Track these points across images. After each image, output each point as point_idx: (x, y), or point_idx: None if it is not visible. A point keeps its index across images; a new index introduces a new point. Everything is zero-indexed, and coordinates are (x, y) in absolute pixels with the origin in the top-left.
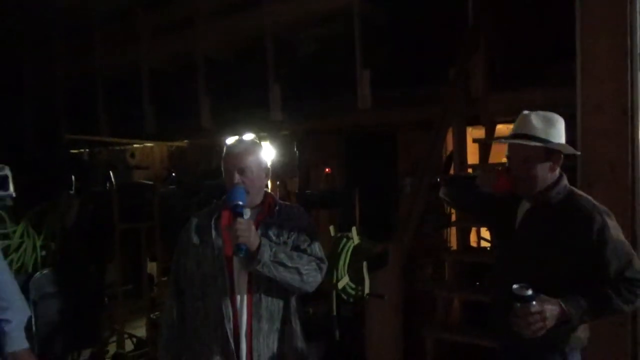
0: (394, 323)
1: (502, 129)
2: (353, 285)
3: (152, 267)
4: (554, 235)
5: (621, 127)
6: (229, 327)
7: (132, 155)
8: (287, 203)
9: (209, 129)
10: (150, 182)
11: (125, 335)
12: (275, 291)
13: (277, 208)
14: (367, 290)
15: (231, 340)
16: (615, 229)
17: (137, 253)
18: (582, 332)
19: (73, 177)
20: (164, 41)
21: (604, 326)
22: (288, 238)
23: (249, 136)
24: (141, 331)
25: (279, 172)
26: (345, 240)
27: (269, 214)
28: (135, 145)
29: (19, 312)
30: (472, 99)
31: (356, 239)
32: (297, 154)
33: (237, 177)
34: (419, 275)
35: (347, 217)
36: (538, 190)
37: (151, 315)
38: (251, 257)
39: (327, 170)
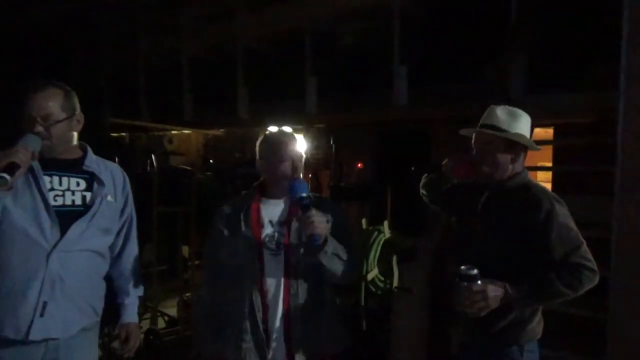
0: (421, 317)
1: (540, 132)
2: (382, 278)
3: (185, 250)
4: (506, 217)
5: None
6: (259, 315)
7: (170, 141)
8: (317, 195)
9: (245, 119)
10: (189, 168)
11: (158, 314)
12: (311, 280)
13: (313, 199)
14: (395, 284)
15: (261, 328)
16: (564, 216)
17: (172, 236)
18: (537, 325)
19: (116, 159)
20: (205, 31)
21: None
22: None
23: (287, 128)
24: (173, 311)
25: (312, 165)
26: (376, 233)
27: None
28: (173, 132)
29: (138, 287)
30: (510, 99)
31: (387, 233)
32: (333, 147)
33: (286, 167)
34: (448, 271)
35: (378, 211)
36: (497, 178)
37: (183, 296)
38: (317, 247)
39: (359, 164)
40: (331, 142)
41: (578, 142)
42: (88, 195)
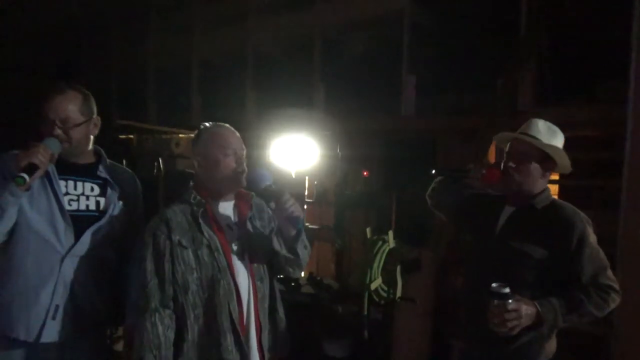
0: (423, 328)
1: None
2: (385, 288)
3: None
4: (535, 236)
5: None
6: (239, 325)
7: (177, 144)
8: (247, 192)
9: (254, 123)
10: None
11: None
12: (271, 281)
13: (252, 199)
14: (399, 294)
15: (244, 342)
16: (593, 236)
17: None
18: (554, 342)
19: (124, 161)
20: (216, 34)
21: None
22: (269, 227)
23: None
24: None
25: (317, 171)
26: (381, 242)
27: (249, 208)
28: (180, 135)
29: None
30: (518, 112)
31: (392, 242)
32: (339, 154)
33: (234, 163)
34: (451, 283)
35: (383, 219)
36: (524, 192)
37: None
38: (299, 232)
39: (365, 172)
40: (337, 150)
41: (585, 156)
42: (102, 200)
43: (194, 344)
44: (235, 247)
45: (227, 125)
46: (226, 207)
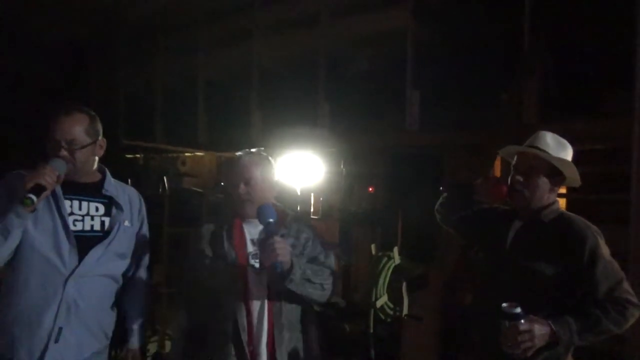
0: (430, 346)
1: None
2: (391, 305)
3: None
4: (545, 251)
5: None
6: (244, 337)
7: (183, 162)
8: (297, 214)
9: (259, 141)
10: (200, 190)
11: (166, 337)
12: (294, 301)
13: (289, 219)
14: (405, 311)
15: (247, 351)
16: (605, 249)
17: (182, 257)
18: None
19: (129, 180)
20: (221, 53)
21: None
22: (304, 249)
23: (257, 149)
24: None
25: (323, 188)
26: (386, 259)
27: (282, 226)
28: (186, 154)
29: (146, 313)
30: (524, 126)
31: (397, 259)
32: (343, 171)
33: (242, 188)
34: (460, 300)
35: (388, 236)
36: (533, 206)
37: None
38: (283, 275)
39: (370, 189)
40: (341, 166)
41: (592, 170)
42: (107, 220)
43: (210, 343)
44: (253, 261)
45: (250, 154)
46: (257, 224)
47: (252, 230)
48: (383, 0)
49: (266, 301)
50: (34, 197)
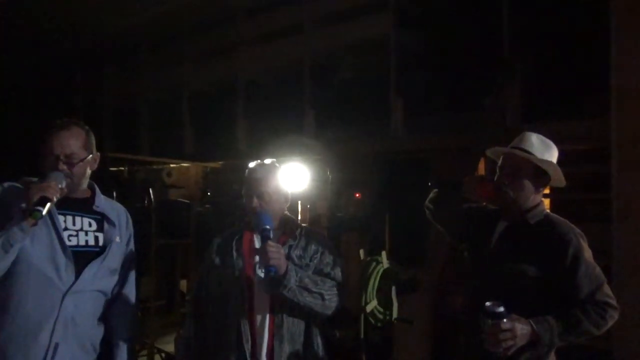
0: (422, 349)
1: None
2: (381, 309)
3: (182, 284)
4: (529, 253)
5: None
6: (247, 347)
7: (169, 174)
8: (310, 227)
9: (245, 151)
10: (187, 201)
11: (155, 350)
12: (297, 313)
13: (299, 231)
14: (395, 315)
15: None
16: (588, 252)
17: (170, 269)
18: None
19: (114, 193)
20: (206, 65)
21: None
22: (310, 261)
23: (268, 160)
24: (171, 347)
25: (310, 195)
26: (374, 263)
27: (291, 237)
28: (172, 165)
29: (132, 328)
30: (507, 129)
31: (385, 263)
32: (330, 178)
33: (255, 202)
34: (450, 302)
35: (377, 241)
36: (518, 207)
37: (181, 331)
38: (278, 281)
39: (357, 195)
40: (328, 173)
41: (574, 171)
42: (100, 236)
43: (214, 352)
44: (260, 271)
45: (262, 165)
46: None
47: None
48: (365, 8)
49: (268, 312)
50: (43, 210)
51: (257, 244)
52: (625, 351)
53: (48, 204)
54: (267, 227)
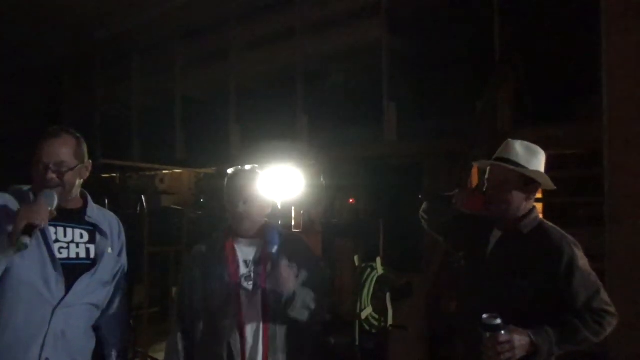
0: (417, 355)
1: None
2: (376, 316)
3: (175, 291)
4: (523, 263)
5: None
6: None
7: (162, 180)
8: (288, 231)
9: (238, 156)
10: (179, 208)
11: (149, 359)
12: (289, 321)
13: (281, 238)
14: (390, 321)
15: None
16: (583, 260)
17: (163, 277)
18: None
19: (106, 200)
20: (198, 71)
21: None
22: (299, 269)
23: (248, 166)
24: (163, 355)
25: (303, 201)
26: (369, 270)
27: (273, 243)
28: (164, 172)
29: (123, 339)
30: (498, 133)
31: (380, 269)
32: (323, 183)
33: (241, 207)
34: (445, 307)
35: (371, 247)
36: (510, 217)
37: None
38: (285, 302)
39: (350, 200)
40: (322, 179)
41: (567, 174)
42: (92, 248)
43: None
44: (246, 283)
45: (245, 170)
46: (250, 244)
47: (244, 250)
48: (357, 14)
49: (261, 324)
50: (27, 242)
51: (241, 254)
52: (621, 354)
53: (35, 230)
54: (274, 249)
